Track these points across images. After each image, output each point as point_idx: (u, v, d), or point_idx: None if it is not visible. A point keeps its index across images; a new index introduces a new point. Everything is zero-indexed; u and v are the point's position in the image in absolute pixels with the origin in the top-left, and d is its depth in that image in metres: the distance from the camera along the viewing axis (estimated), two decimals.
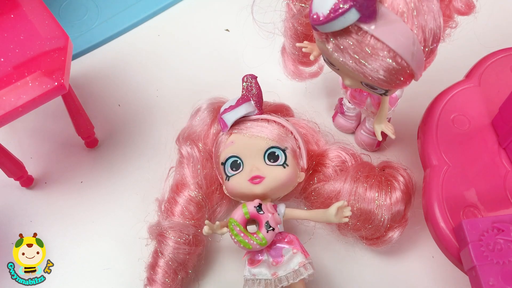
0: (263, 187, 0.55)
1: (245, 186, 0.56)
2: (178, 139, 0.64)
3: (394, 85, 0.48)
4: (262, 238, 0.53)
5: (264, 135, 0.57)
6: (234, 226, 0.53)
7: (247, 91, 0.59)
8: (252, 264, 0.54)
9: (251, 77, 0.59)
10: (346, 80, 0.51)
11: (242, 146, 0.57)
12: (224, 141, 0.58)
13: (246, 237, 0.53)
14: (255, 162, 0.56)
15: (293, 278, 0.53)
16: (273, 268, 0.54)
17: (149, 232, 0.59)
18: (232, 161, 0.57)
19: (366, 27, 0.44)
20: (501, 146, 0.58)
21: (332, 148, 0.62)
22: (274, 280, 0.53)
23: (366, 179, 0.58)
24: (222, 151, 0.58)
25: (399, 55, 0.45)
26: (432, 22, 0.46)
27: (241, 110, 0.58)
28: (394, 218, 0.58)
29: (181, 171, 0.61)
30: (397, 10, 0.44)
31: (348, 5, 0.43)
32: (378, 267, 0.62)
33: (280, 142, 0.57)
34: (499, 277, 0.46)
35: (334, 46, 0.46)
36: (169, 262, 0.57)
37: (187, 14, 0.82)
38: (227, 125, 0.58)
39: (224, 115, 0.58)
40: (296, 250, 0.54)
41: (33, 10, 0.59)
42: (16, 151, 0.64)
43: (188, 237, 0.57)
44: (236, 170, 0.56)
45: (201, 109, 0.64)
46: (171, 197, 0.60)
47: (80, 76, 0.75)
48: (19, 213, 0.65)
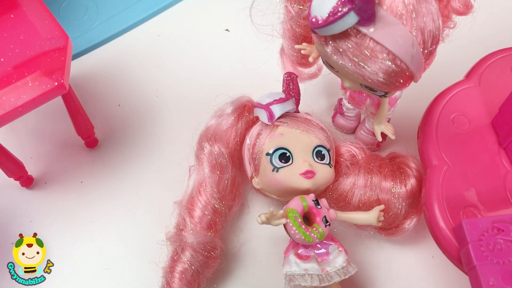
0: (312, 183, 0.56)
1: (295, 179, 0.56)
2: (203, 139, 0.61)
3: (393, 87, 0.48)
4: (321, 232, 0.53)
5: (312, 133, 0.58)
6: (295, 217, 0.53)
7: (288, 88, 0.60)
8: (302, 259, 0.54)
9: (294, 75, 0.60)
10: (345, 82, 0.51)
11: (292, 140, 0.57)
12: (270, 132, 0.58)
13: (307, 230, 0.52)
14: (306, 157, 0.56)
15: (343, 274, 0.53)
16: (320, 264, 0.53)
17: (170, 241, 0.58)
18: (281, 152, 0.57)
19: (365, 30, 0.44)
20: (501, 146, 0.58)
21: (341, 144, 0.63)
22: (325, 275, 0.53)
23: (379, 169, 0.59)
24: (269, 142, 0.57)
25: (398, 58, 0.45)
26: (431, 24, 0.46)
27: (288, 105, 0.59)
28: (411, 205, 0.58)
29: (204, 172, 0.59)
30: (396, 13, 0.44)
31: (347, 8, 0.43)
32: (378, 267, 0.62)
33: (325, 142, 0.58)
34: (499, 277, 0.46)
35: (333, 49, 0.46)
36: (189, 271, 0.56)
37: (187, 14, 0.82)
38: (274, 116, 0.58)
39: (272, 106, 0.58)
40: (342, 248, 0.54)
41: (33, 10, 0.59)
42: (16, 151, 0.64)
43: (212, 253, 0.57)
44: (285, 162, 0.56)
45: (226, 110, 0.62)
46: (192, 200, 0.59)
47: (80, 76, 0.75)
48: (19, 213, 0.65)
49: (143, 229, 0.63)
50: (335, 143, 0.62)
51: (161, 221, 0.61)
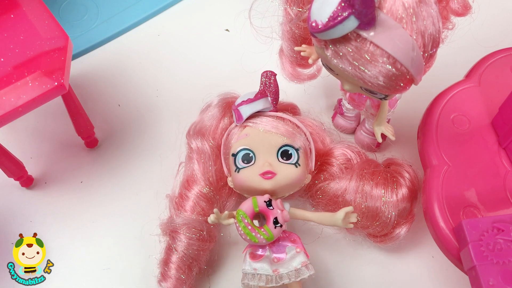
0: (273, 183, 0.56)
1: (255, 180, 0.56)
2: (188, 133, 0.63)
3: (393, 91, 0.48)
4: (269, 233, 0.53)
5: (280, 132, 0.58)
6: (242, 217, 0.53)
7: (265, 86, 0.60)
8: (254, 258, 0.54)
9: (271, 74, 0.60)
10: (345, 85, 0.51)
11: (256, 140, 0.57)
12: (238, 133, 0.58)
13: (253, 230, 0.53)
14: (268, 158, 0.56)
15: (294, 276, 0.53)
16: (274, 265, 0.54)
17: (162, 228, 0.59)
18: (244, 153, 0.57)
19: (365, 34, 0.44)
20: (501, 146, 0.58)
21: (337, 146, 0.62)
22: (275, 276, 0.53)
23: (372, 176, 0.58)
24: (234, 142, 0.58)
25: (399, 61, 0.45)
26: (431, 27, 0.46)
27: (259, 105, 0.59)
28: (401, 215, 0.58)
29: (192, 166, 0.61)
30: (396, 16, 0.44)
31: (347, 12, 0.43)
32: (378, 267, 0.61)
33: (294, 141, 0.57)
34: (499, 277, 0.46)
35: (333, 53, 0.46)
36: (183, 258, 0.56)
37: (187, 14, 0.82)
38: (242, 117, 0.58)
39: (240, 107, 0.58)
40: (300, 249, 0.54)
41: (33, 10, 0.59)
42: (16, 151, 0.64)
43: (202, 233, 0.57)
44: (247, 163, 0.57)
45: (212, 103, 0.64)
46: (182, 193, 0.60)
47: (80, 76, 0.75)
48: (19, 213, 0.65)
49: (143, 229, 0.63)
50: (330, 145, 0.62)
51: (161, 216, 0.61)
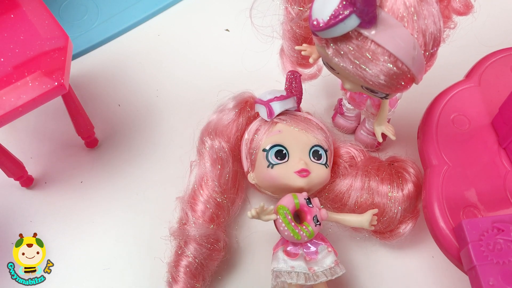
0: (307, 182, 0.56)
1: (290, 177, 0.56)
2: (204, 133, 0.62)
3: (394, 89, 0.48)
4: (311, 231, 0.53)
5: (311, 132, 0.58)
6: (286, 214, 0.53)
7: (290, 86, 0.60)
8: (290, 256, 0.54)
9: (297, 74, 0.60)
10: (346, 84, 0.51)
11: (290, 137, 0.57)
12: (269, 129, 0.58)
13: (297, 227, 0.53)
14: (302, 156, 0.57)
15: (330, 275, 0.53)
16: (308, 263, 0.53)
17: (173, 235, 0.58)
18: (277, 149, 0.57)
19: (366, 33, 0.44)
20: (501, 146, 0.58)
21: (341, 145, 0.63)
22: (312, 274, 0.53)
23: (377, 172, 0.59)
24: (266, 138, 0.58)
25: (400, 60, 0.45)
26: (432, 26, 0.46)
27: (289, 103, 0.59)
28: (407, 210, 0.58)
29: (205, 166, 0.60)
30: (397, 15, 0.44)
31: (348, 11, 0.43)
32: (378, 267, 0.62)
33: (322, 142, 0.58)
34: (499, 277, 0.46)
35: (334, 52, 0.46)
36: (196, 265, 0.56)
37: (187, 14, 0.82)
38: (274, 113, 0.58)
39: (272, 103, 0.58)
40: (331, 248, 0.54)
41: (33, 10, 0.59)
42: (16, 151, 0.64)
43: (218, 244, 0.57)
44: (281, 159, 0.56)
45: (229, 104, 0.63)
46: (195, 195, 0.59)
47: (80, 76, 0.75)
48: (19, 213, 0.65)
49: (143, 229, 0.63)
50: (335, 144, 0.62)
51: (162, 220, 0.61)
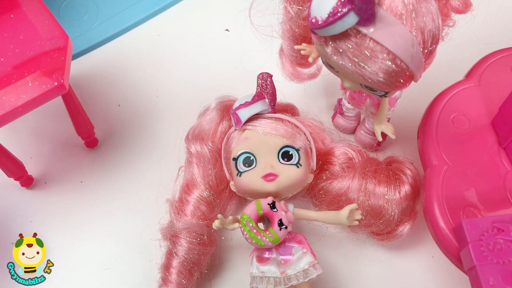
0: (276, 185, 0.55)
1: (257, 183, 0.56)
2: (187, 138, 0.63)
3: (393, 87, 0.48)
4: (275, 235, 0.53)
5: (279, 133, 0.57)
6: (247, 221, 0.53)
7: (262, 88, 0.60)
8: (261, 261, 0.54)
9: (267, 75, 0.59)
10: (345, 82, 0.51)
11: (256, 143, 0.57)
12: (237, 137, 0.58)
13: (259, 234, 0.53)
14: (269, 160, 0.56)
15: (303, 277, 0.53)
16: (282, 267, 0.53)
17: (162, 233, 0.59)
18: (245, 157, 0.57)
19: (365, 30, 0.44)
20: (501, 146, 0.58)
21: (338, 145, 0.62)
22: (283, 278, 0.53)
23: (374, 174, 0.58)
24: (234, 147, 0.58)
25: (399, 57, 0.45)
26: (431, 24, 0.46)
27: (256, 107, 0.59)
28: (404, 212, 0.58)
29: (191, 170, 0.61)
30: (396, 13, 0.44)
31: (346, 8, 0.43)
32: (377, 267, 0.62)
33: (294, 142, 0.57)
34: (499, 277, 0.46)
35: (333, 49, 0.46)
36: (184, 263, 0.56)
37: (187, 14, 0.82)
38: (241, 120, 0.58)
39: (238, 111, 0.58)
40: (306, 250, 0.54)
41: (33, 10, 0.59)
42: (16, 151, 0.64)
43: (202, 237, 0.57)
44: (248, 166, 0.56)
45: (210, 107, 0.64)
46: (182, 197, 0.60)
47: (80, 76, 0.75)
48: (19, 213, 0.65)
49: (143, 229, 0.63)
50: (332, 144, 0.62)
51: (162, 221, 0.61)
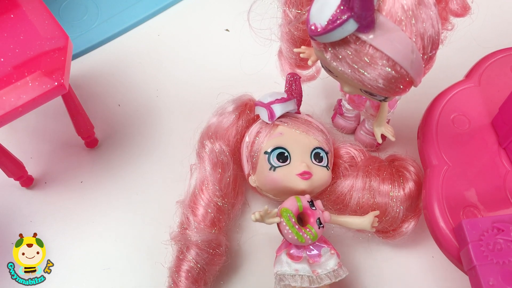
0: (309, 184, 0.56)
1: (292, 179, 0.56)
2: (204, 137, 0.61)
3: (393, 93, 0.48)
4: (315, 234, 0.53)
5: (312, 134, 0.58)
6: (290, 217, 0.53)
7: (290, 88, 0.60)
8: (294, 259, 0.54)
9: (297, 76, 0.60)
10: (345, 87, 0.51)
11: (291, 140, 0.57)
12: (270, 131, 0.58)
13: (301, 230, 0.52)
14: (303, 158, 0.57)
15: (334, 277, 0.53)
16: (311, 266, 0.53)
17: (174, 240, 0.58)
18: (279, 152, 0.57)
19: (365, 37, 0.44)
20: (501, 146, 0.58)
21: (340, 146, 0.63)
22: (316, 277, 0.53)
23: (377, 172, 0.59)
24: (267, 141, 0.58)
25: (398, 64, 0.45)
26: (430, 29, 0.46)
27: (290, 105, 0.59)
28: (409, 209, 0.58)
29: (206, 170, 0.59)
30: (395, 19, 0.44)
31: (346, 15, 0.43)
32: (377, 267, 0.62)
33: (324, 145, 0.58)
34: (499, 277, 0.46)
35: (332, 56, 0.46)
36: (197, 270, 0.56)
37: (187, 14, 0.82)
38: (275, 115, 0.58)
39: (273, 105, 0.58)
40: (334, 251, 0.54)
41: (33, 10, 0.59)
42: (16, 151, 0.64)
43: (217, 250, 0.57)
44: (283, 162, 0.56)
45: (228, 107, 0.63)
46: (195, 198, 0.59)
47: (80, 76, 0.75)
48: (19, 213, 0.65)
49: (143, 229, 0.63)
50: (334, 145, 0.62)
51: (162, 221, 0.61)
